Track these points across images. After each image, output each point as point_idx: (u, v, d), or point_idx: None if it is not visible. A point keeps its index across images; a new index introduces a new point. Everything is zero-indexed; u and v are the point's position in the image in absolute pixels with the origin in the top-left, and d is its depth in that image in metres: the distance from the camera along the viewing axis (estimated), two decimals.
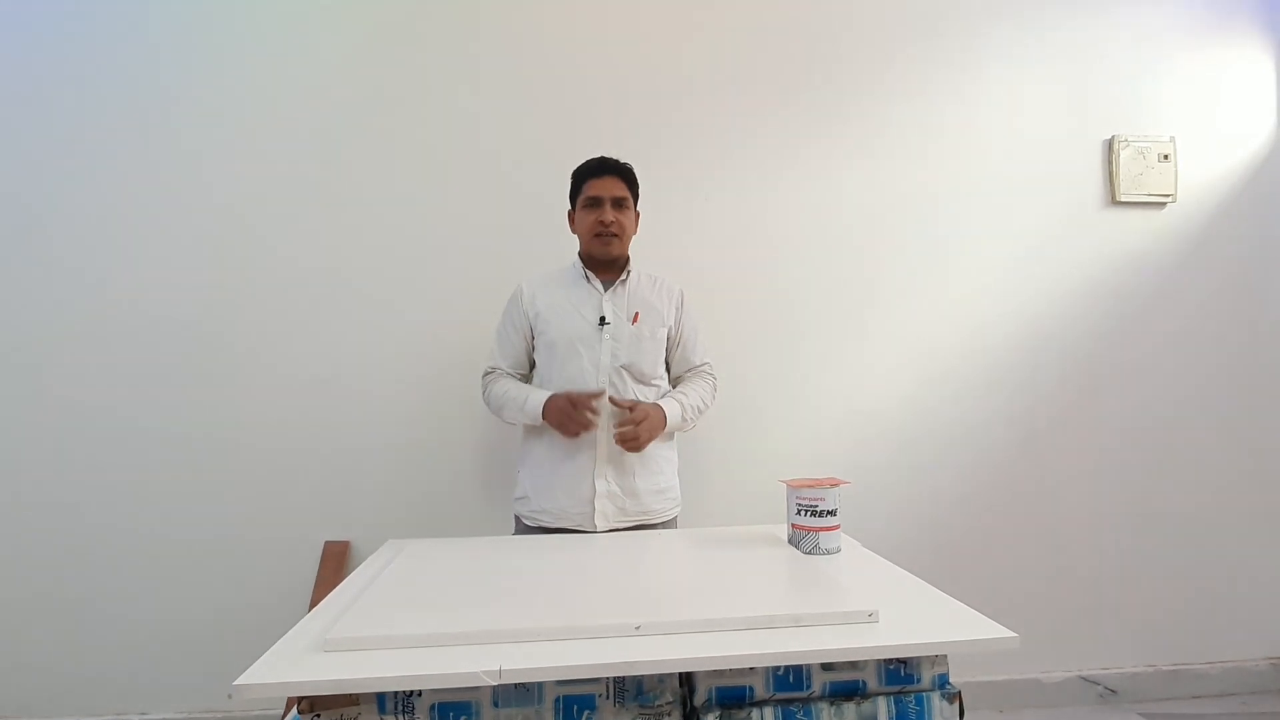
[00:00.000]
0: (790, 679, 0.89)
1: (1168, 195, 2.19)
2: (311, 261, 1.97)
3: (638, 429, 1.49)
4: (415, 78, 2.02)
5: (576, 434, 1.49)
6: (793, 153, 2.11)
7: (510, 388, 1.61)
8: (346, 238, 1.99)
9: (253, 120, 1.97)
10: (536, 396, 1.54)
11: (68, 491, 1.90)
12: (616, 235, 1.58)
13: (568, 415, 1.48)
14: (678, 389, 1.66)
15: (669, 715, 0.88)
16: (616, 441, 1.50)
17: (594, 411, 1.47)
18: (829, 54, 2.13)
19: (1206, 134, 2.22)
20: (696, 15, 2.10)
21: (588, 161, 1.63)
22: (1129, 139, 2.18)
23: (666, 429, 1.57)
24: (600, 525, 1.52)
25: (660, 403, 1.57)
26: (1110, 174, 2.19)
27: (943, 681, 0.91)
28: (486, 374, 1.67)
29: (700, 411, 1.65)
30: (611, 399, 1.53)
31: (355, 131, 2.00)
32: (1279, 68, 2.27)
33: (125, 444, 1.91)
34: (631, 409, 1.51)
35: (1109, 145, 2.19)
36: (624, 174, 1.62)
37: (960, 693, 0.91)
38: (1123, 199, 2.17)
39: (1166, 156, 2.19)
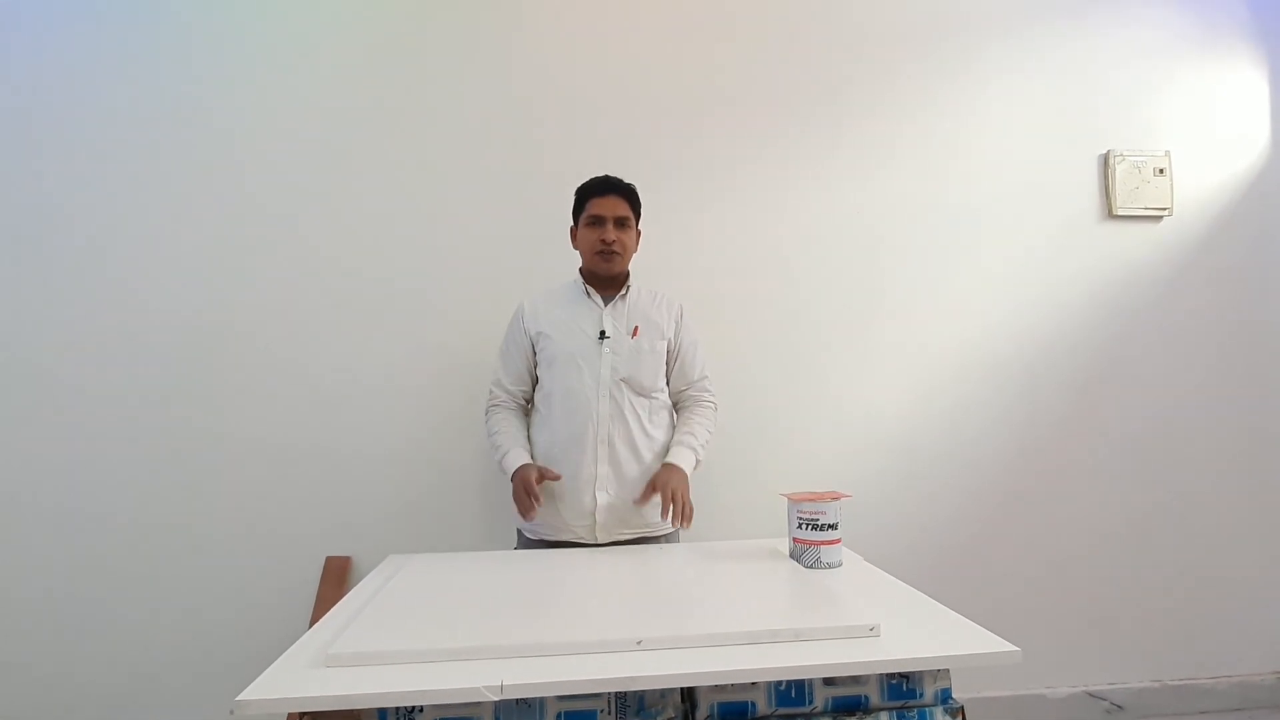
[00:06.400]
0: (792, 694, 0.89)
1: (1164, 208, 2.21)
2: (313, 275, 1.98)
3: (675, 496, 1.48)
4: (419, 91, 2.04)
5: (522, 512, 1.51)
6: (793, 168, 2.13)
7: (500, 432, 1.62)
8: (349, 251, 2.00)
9: (257, 131, 1.99)
10: (511, 458, 1.56)
11: (67, 504, 1.89)
12: (618, 253, 1.60)
13: (518, 493, 1.50)
14: (682, 429, 1.65)
15: None
16: (673, 519, 1.49)
17: (537, 500, 1.47)
18: (829, 70, 2.15)
19: (1202, 148, 2.24)
20: (699, 33, 2.12)
21: (592, 180, 1.65)
22: (1125, 153, 2.20)
23: (690, 473, 1.57)
24: (601, 538, 1.53)
25: (671, 459, 1.57)
26: (1107, 188, 2.21)
27: (945, 696, 0.91)
28: (490, 395, 1.69)
29: (707, 444, 1.66)
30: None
31: (360, 142, 2.01)
32: (1273, 81, 2.30)
33: (124, 457, 1.91)
34: (654, 488, 1.51)
35: (1105, 159, 2.21)
36: (627, 194, 1.64)
37: (963, 707, 0.91)
38: (1119, 213, 2.19)
39: (1162, 170, 2.21)
